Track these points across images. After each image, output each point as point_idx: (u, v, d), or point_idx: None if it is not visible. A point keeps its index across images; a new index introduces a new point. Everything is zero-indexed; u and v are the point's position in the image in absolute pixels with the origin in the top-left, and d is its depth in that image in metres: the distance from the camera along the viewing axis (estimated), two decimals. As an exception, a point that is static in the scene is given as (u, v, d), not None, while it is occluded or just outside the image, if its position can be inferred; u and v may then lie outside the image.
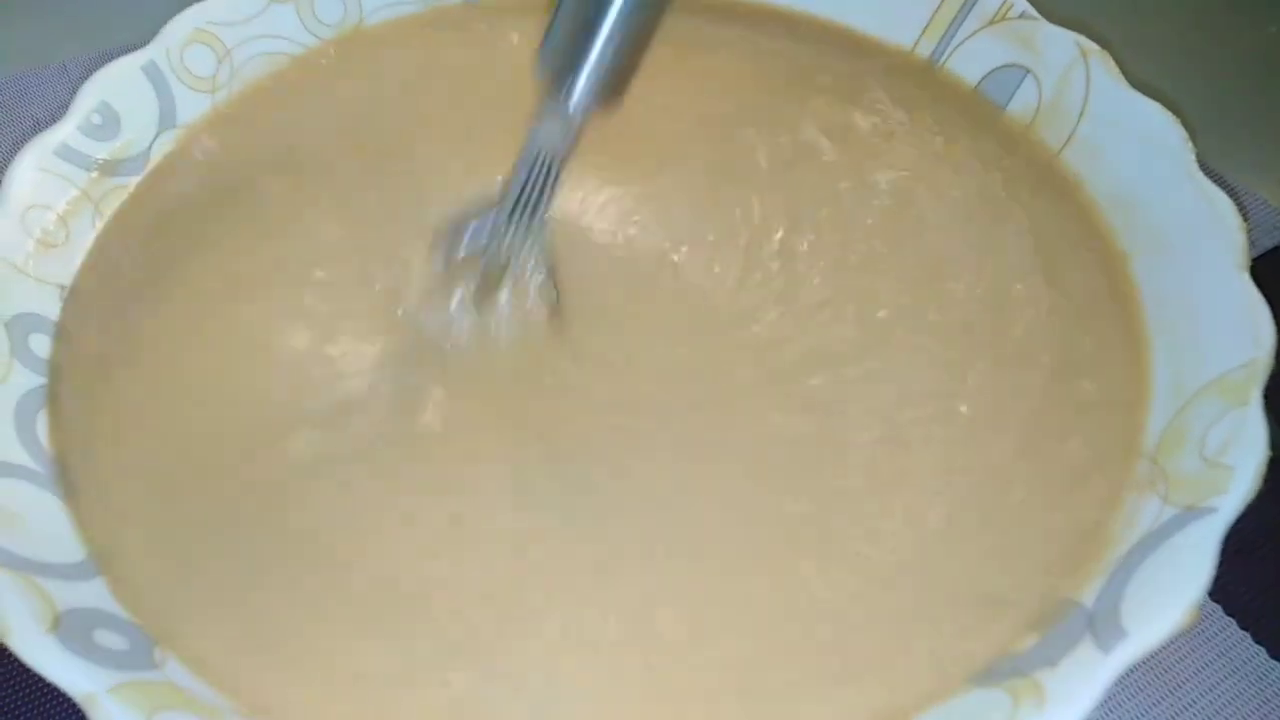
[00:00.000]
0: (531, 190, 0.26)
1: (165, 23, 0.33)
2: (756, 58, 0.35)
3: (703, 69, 0.34)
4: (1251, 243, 0.36)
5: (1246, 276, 0.25)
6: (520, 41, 0.37)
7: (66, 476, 0.25)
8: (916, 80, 0.34)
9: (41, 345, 0.27)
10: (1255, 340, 0.24)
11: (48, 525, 0.23)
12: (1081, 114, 0.31)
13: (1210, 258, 0.26)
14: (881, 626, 0.23)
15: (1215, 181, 0.35)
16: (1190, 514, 0.22)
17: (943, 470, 0.25)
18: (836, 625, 0.23)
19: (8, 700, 0.25)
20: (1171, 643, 0.26)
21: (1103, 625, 0.20)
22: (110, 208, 0.30)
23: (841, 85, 0.34)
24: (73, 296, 0.28)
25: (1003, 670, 0.21)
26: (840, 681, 0.22)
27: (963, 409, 0.26)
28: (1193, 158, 0.28)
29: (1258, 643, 0.27)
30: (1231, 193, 0.37)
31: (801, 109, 0.33)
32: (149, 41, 0.32)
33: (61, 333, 0.28)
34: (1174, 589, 0.20)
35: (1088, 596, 0.21)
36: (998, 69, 0.33)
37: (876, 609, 0.23)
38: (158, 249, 0.30)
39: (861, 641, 0.22)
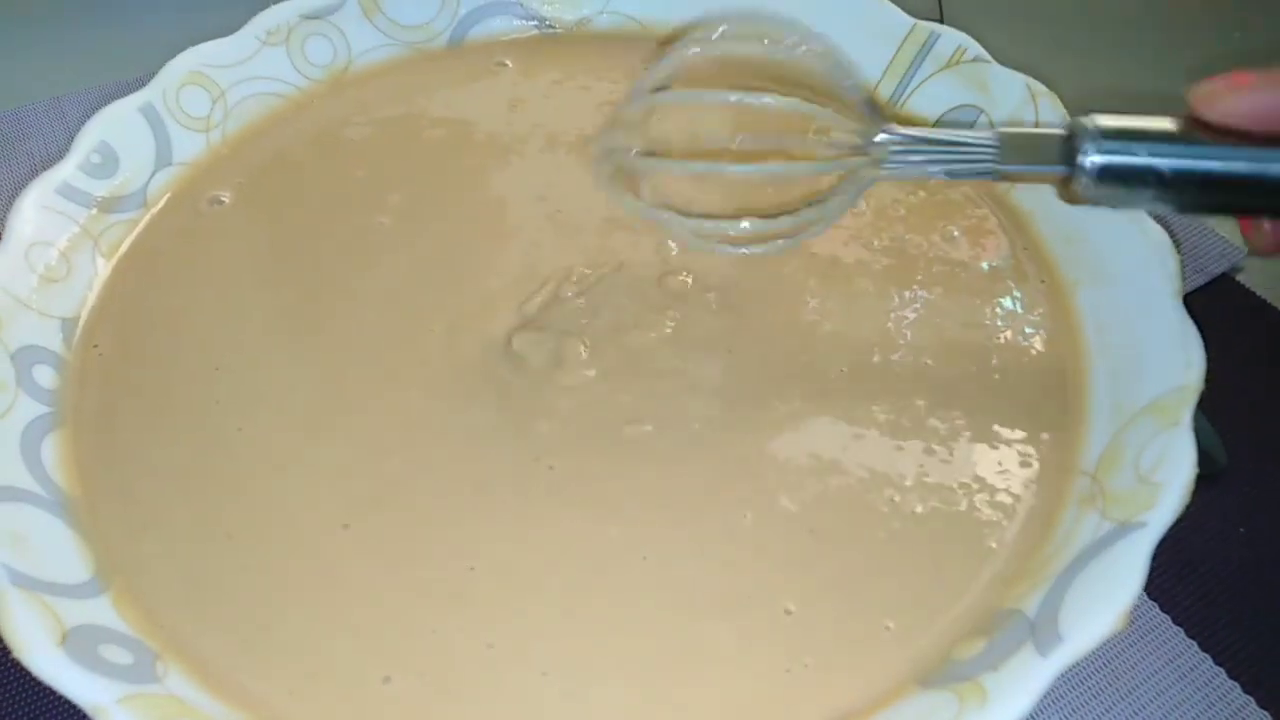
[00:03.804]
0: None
1: (155, 59, 0.34)
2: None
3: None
4: (1200, 269, 0.38)
5: (1180, 306, 0.27)
6: (514, 65, 0.39)
7: (75, 499, 0.26)
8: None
9: (45, 376, 0.28)
10: (1187, 365, 0.26)
11: (54, 547, 0.24)
12: (1031, 153, 0.33)
13: (1148, 288, 0.28)
14: (834, 630, 0.24)
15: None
16: (1124, 528, 0.23)
17: (894, 488, 0.27)
18: (790, 627, 0.24)
19: (12, 712, 0.27)
20: (1126, 651, 0.28)
21: (1042, 632, 0.22)
22: (109, 243, 0.32)
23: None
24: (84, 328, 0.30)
25: (952, 674, 0.22)
26: (792, 682, 0.23)
27: (916, 434, 0.28)
28: (1132, 194, 0.30)
29: (1203, 650, 0.29)
30: (1182, 222, 0.39)
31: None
32: (139, 77, 0.34)
33: (66, 364, 0.29)
34: (1107, 598, 0.21)
35: (1031, 606, 0.23)
36: (954, 109, 0.35)
37: (831, 613, 0.24)
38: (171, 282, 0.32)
39: (812, 644, 0.24)
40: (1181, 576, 0.30)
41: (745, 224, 0.26)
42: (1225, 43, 0.50)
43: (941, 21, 0.36)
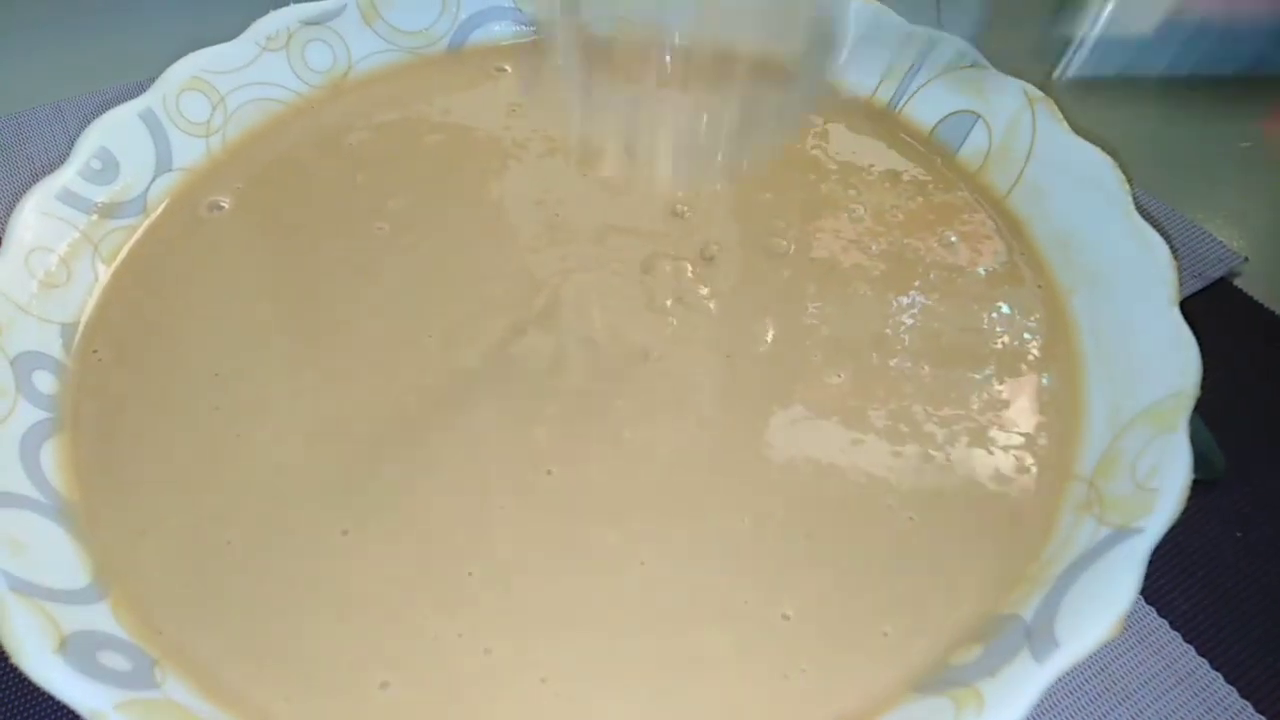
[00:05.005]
0: None
1: (156, 64, 0.34)
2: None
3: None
4: (1198, 274, 0.38)
5: (1177, 312, 0.27)
6: (513, 70, 0.39)
7: (74, 505, 0.26)
8: (876, 124, 0.36)
9: (45, 381, 0.28)
10: (1183, 372, 0.26)
11: (52, 553, 0.24)
12: (1028, 158, 0.33)
13: (1144, 294, 0.28)
14: (831, 636, 0.24)
15: (1164, 215, 0.37)
16: (1121, 534, 0.23)
17: (892, 493, 0.27)
18: (788, 632, 0.24)
19: (11, 718, 0.27)
20: (1124, 655, 0.28)
21: (1038, 637, 0.22)
22: (109, 249, 0.32)
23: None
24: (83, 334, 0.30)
25: (948, 680, 0.22)
26: (790, 688, 0.23)
27: (914, 439, 0.28)
28: (1129, 199, 0.30)
29: (1201, 655, 0.29)
30: (1180, 226, 0.39)
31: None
32: (139, 82, 0.34)
33: (66, 370, 0.29)
34: (1103, 604, 0.22)
35: (1027, 611, 0.23)
36: (951, 115, 0.35)
37: (829, 618, 0.24)
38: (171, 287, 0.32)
39: (810, 650, 0.24)
40: (1180, 580, 0.30)
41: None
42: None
43: (940, 27, 0.36)
